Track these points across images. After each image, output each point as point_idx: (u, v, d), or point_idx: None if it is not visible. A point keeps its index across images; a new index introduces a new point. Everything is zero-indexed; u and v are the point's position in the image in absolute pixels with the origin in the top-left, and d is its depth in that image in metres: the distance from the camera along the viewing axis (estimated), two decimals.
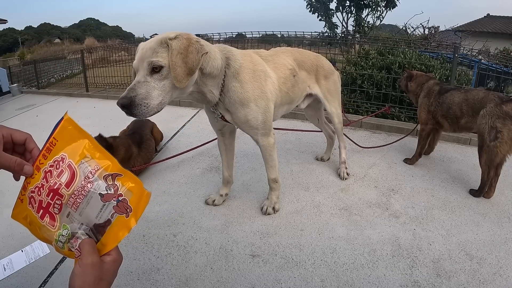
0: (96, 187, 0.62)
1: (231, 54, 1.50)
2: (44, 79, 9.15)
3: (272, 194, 1.87)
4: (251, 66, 1.55)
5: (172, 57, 1.17)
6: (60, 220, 0.63)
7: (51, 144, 0.64)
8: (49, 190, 0.63)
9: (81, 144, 0.65)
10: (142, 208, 0.64)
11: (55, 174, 0.63)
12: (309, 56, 1.99)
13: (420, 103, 2.40)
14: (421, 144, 2.42)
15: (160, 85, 1.20)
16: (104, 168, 0.63)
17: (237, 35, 5.94)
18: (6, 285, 1.48)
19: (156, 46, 1.20)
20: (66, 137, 0.65)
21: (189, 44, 1.21)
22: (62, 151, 0.64)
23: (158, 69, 1.19)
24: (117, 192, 0.63)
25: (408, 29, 8.71)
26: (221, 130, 1.81)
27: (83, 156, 0.64)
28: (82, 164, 0.63)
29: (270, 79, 1.64)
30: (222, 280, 1.43)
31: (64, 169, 0.63)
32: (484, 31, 14.04)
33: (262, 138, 1.66)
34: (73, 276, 0.59)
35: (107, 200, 0.62)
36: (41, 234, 0.65)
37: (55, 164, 0.63)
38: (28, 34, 38.33)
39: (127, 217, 0.62)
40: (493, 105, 1.94)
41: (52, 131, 0.65)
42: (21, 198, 0.66)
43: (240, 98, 1.50)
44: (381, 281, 1.40)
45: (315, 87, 2.03)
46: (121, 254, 0.66)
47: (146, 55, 1.19)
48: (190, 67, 1.22)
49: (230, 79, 1.48)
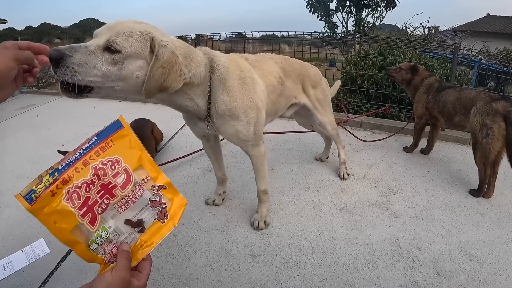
0: (146, 194, 0.67)
1: (214, 56, 1.34)
2: (44, 79, 9.14)
3: (262, 207, 1.77)
4: (238, 72, 1.40)
5: (153, 67, 1.02)
6: (101, 221, 0.64)
7: (107, 144, 0.65)
8: (101, 188, 0.63)
9: (136, 154, 0.69)
10: (178, 216, 0.70)
11: (110, 174, 0.64)
12: (295, 65, 1.86)
13: (418, 98, 2.44)
14: (416, 136, 2.59)
15: (104, 68, 0.97)
16: (153, 179, 0.69)
17: (237, 35, 5.94)
18: (6, 285, 1.48)
19: (136, 31, 1.01)
20: (123, 143, 0.67)
21: (175, 61, 1.08)
22: (117, 154, 0.66)
23: (113, 51, 0.97)
24: (161, 200, 0.69)
25: (408, 29, 8.71)
26: (205, 136, 1.73)
27: (137, 165, 0.68)
28: (137, 171, 0.68)
29: (259, 86, 1.51)
30: (222, 280, 1.43)
31: (120, 171, 0.65)
32: (484, 31, 14.05)
33: (252, 148, 1.56)
34: (101, 280, 0.59)
35: (154, 206, 0.68)
36: (69, 235, 0.60)
37: (108, 164, 0.64)
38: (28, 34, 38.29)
39: (163, 223, 0.69)
40: (483, 103, 1.97)
41: (105, 131, 0.66)
42: (55, 191, 0.59)
43: (229, 108, 1.36)
44: (381, 281, 1.40)
45: (302, 97, 1.92)
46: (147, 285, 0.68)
47: (116, 30, 0.99)
48: (166, 86, 1.08)
49: (216, 87, 1.33)
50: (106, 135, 0.66)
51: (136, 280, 0.64)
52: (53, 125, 4.20)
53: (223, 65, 1.34)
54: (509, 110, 1.87)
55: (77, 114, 4.72)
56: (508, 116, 1.86)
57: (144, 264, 0.68)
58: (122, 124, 0.68)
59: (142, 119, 2.86)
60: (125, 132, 0.68)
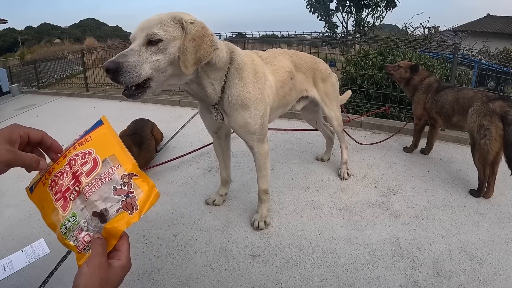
0: (113, 182, 0.68)
1: (235, 49, 1.46)
2: (44, 79, 9.15)
3: (262, 207, 1.77)
4: (252, 66, 1.50)
5: (185, 41, 1.12)
6: (72, 207, 0.68)
7: (86, 140, 0.73)
8: (72, 176, 0.70)
9: (111, 145, 0.73)
10: (148, 206, 0.69)
11: (79, 162, 0.70)
12: (306, 59, 1.94)
13: (417, 99, 2.44)
14: (416, 137, 2.59)
15: (154, 58, 1.10)
16: (124, 168, 0.70)
17: (237, 35, 5.95)
18: (6, 285, 1.48)
19: (166, 19, 1.13)
20: (100, 138, 0.74)
21: (204, 34, 1.18)
22: (92, 147, 0.72)
23: (156, 42, 1.10)
24: (129, 189, 0.69)
25: (408, 29, 8.71)
26: (217, 133, 1.78)
27: (109, 154, 0.71)
28: (106, 160, 0.70)
29: (269, 83, 1.59)
30: (222, 280, 1.43)
31: (88, 160, 0.70)
32: (484, 31, 14.05)
33: (257, 145, 1.60)
34: (79, 275, 0.60)
35: (118, 194, 0.68)
36: (50, 218, 0.70)
37: (80, 155, 0.71)
38: (28, 34, 38.31)
39: (130, 215, 0.67)
40: (480, 104, 1.97)
41: (88, 130, 0.75)
42: (44, 181, 0.72)
43: (242, 98, 1.44)
44: (381, 281, 1.40)
45: (312, 91, 1.98)
46: (131, 262, 0.68)
47: (148, 25, 1.11)
48: (200, 57, 1.17)
49: (232, 76, 1.42)
50: (87, 132, 0.74)
51: (116, 260, 0.64)
52: (53, 125, 4.20)
53: (241, 58, 1.46)
54: (506, 110, 1.86)
55: (77, 114, 4.72)
56: (506, 117, 1.85)
57: (121, 241, 0.67)
58: (102, 122, 0.75)
59: (142, 119, 2.86)
60: (104, 129, 0.75)
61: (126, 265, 0.66)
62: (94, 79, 6.70)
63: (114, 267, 0.63)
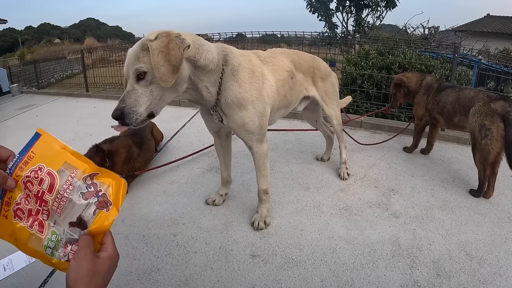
0: (77, 188, 0.67)
1: (229, 51, 1.45)
2: (44, 79, 9.15)
3: (262, 207, 1.77)
4: (249, 66, 1.50)
5: (153, 58, 1.13)
6: (49, 226, 0.67)
7: (29, 157, 0.67)
8: (36, 198, 0.66)
9: (59, 153, 0.69)
10: (121, 197, 0.70)
11: (36, 182, 0.66)
12: (305, 58, 1.94)
13: (418, 100, 2.44)
14: (416, 137, 2.59)
15: (147, 91, 1.19)
16: (82, 171, 0.69)
17: (237, 35, 5.95)
18: (6, 285, 1.48)
19: (138, 51, 1.17)
20: (43, 150, 0.68)
21: (169, 41, 1.16)
22: (39, 162, 0.67)
23: (143, 75, 1.17)
24: (96, 189, 0.68)
25: (408, 29, 8.71)
26: (218, 132, 1.78)
27: (62, 163, 0.68)
28: (61, 170, 0.67)
29: (268, 82, 1.59)
30: (222, 280, 1.43)
31: (44, 176, 0.66)
32: (484, 31, 14.05)
33: (256, 144, 1.60)
34: (69, 270, 0.61)
35: (88, 197, 0.67)
36: (29, 246, 0.67)
37: (31, 174, 0.66)
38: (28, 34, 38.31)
39: (107, 211, 0.67)
40: (481, 104, 1.97)
41: (26, 146, 0.68)
42: (5, 214, 0.67)
43: (238, 98, 1.44)
44: (381, 281, 1.40)
45: (312, 90, 1.99)
46: (117, 252, 0.69)
47: (131, 62, 1.18)
48: (174, 64, 1.16)
49: (228, 77, 1.42)
50: (26, 150, 0.68)
51: (103, 252, 0.66)
52: (53, 125, 4.20)
53: (236, 59, 1.45)
54: (507, 110, 1.86)
55: (77, 114, 4.72)
56: (507, 117, 1.85)
57: (104, 235, 0.69)
58: (40, 134, 0.70)
59: None
60: (43, 140, 0.69)
61: (113, 254, 0.67)
62: (94, 79, 6.70)
63: (101, 258, 0.65)
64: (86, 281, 0.59)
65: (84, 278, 0.59)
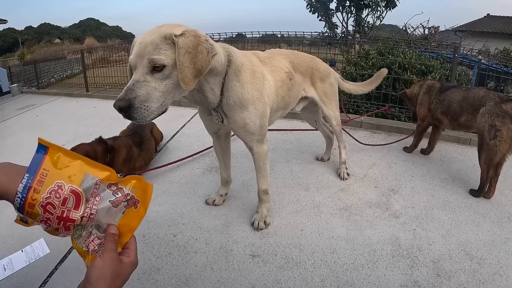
0: (104, 197, 0.65)
1: (232, 51, 1.43)
2: (44, 79, 9.15)
3: (262, 207, 1.77)
4: (250, 67, 1.49)
5: (179, 57, 1.07)
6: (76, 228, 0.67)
7: (42, 176, 0.60)
8: (59, 219, 0.61)
9: (76, 166, 0.63)
10: (148, 198, 0.70)
11: (58, 203, 0.60)
12: (304, 59, 1.93)
13: (420, 101, 2.44)
14: (417, 138, 2.57)
15: (161, 86, 1.09)
16: (105, 179, 0.66)
17: (237, 35, 5.95)
18: (6, 285, 1.48)
19: (159, 41, 1.07)
20: (57, 165, 0.62)
21: (198, 43, 1.11)
22: (56, 179, 0.61)
23: (160, 68, 1.07)
24: (123, 193, 0.67)
25: (408, 29, 8.70)
26: (217, 133, 1.77)
27: (82, 176, 0.63)
28: (84, 184, 0.63)
29: (268, 82, 1.58)
30: (222, 280, 1.43)
31: (67, 195, 0.61)
32: (484, 31, 14.05)
33: (257, 145, 1.59)
34: (93, 267, 0.63)
35: (118, 205, 0.67)
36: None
37: (52, 195, 0.59)
38: (28, 34, 38.32)
39: (136, 208, 0.69)
40: (492, 104, 1.95)
41: (33, 163, 0.61)
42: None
43: (240, 99, 1.43)
44: (381, 281, 1.40)
45: (310, 90, 1.98)
46: (138, 261, 0.71)
47: (147, 51, 1.07)
48: (199, 69, 1.11)
49: (231, 77, 1.41)
50: (36, 167, 0.61)
51: (126, 257, 0.68)
52: (53, 125, 4.21)
53: (239, 59, 1.43)
54: None
55: (77, 114, 4.72)
56: None
57: (130, 240, 0.71)
58: (45, 146, 0.62)
59: None
60: (52, 152, 0.63)
61: (135, 262, 0.69)
62: (94, 79, 6.70)
63: (125, 263, 0.67)
64: (108, 282, 0.62)
65: (107, 279, 0.62)
